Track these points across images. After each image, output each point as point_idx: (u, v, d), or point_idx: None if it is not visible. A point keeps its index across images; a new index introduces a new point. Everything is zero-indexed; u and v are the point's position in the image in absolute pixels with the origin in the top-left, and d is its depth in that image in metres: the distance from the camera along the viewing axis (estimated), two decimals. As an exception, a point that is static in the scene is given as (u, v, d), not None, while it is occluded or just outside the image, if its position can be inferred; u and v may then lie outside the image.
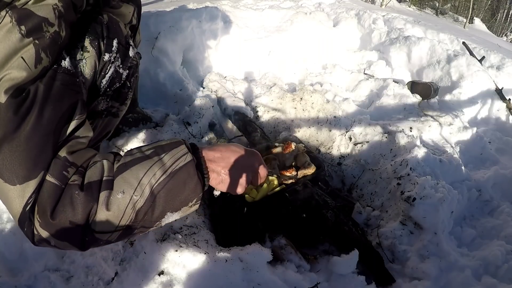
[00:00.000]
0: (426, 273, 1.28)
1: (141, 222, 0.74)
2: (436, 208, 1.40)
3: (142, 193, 0.72)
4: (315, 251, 1.36)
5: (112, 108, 1.03)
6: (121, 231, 0.73)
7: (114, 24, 0.94)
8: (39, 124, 0.68)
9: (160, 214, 0.75)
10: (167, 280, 1.06)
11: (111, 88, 0.97)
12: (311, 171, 1.42)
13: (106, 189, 0.70)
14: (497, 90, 2.40)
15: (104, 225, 0.71)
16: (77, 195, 0.69)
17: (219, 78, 2.25)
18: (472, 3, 9.00)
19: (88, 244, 0.72)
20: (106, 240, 0.73)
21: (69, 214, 0.68)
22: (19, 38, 0.66)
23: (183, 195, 0.76)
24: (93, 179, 0.71)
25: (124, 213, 0.71)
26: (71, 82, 0.76)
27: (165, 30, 2.09)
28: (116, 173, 0.73)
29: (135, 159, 0.74)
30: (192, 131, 1.74)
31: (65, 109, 0.72)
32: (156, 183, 0.73)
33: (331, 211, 1.38)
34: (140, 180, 0.72)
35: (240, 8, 3.24)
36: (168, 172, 0.74)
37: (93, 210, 0.70)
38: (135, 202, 0.71)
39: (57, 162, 0.70)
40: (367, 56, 2.86)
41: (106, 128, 1.06)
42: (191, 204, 0.79)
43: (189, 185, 0.76)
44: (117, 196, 0.70)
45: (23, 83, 0.67)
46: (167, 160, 0.75)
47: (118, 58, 0.95)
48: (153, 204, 0.73)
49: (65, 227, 0.68)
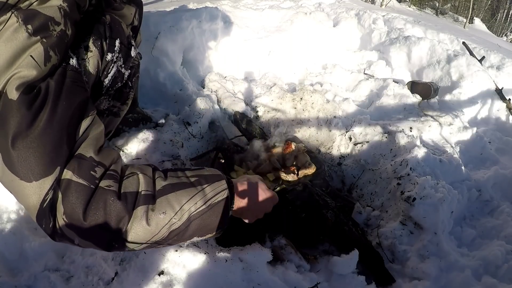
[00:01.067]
0: (426, 273, 1.28)
1: (170, 240, 0.79)
2: (436, 208, 1.40)
3: (181, 217, 0.77)
4: (315, 251, 1.36)
5: (114, 107, 1.04)
6: (150, 244, 0.77)
7: (117, 24, 0.95)
8: (53, 119, 0.68)
9: (188, 237, 0.81)
10: (167, 280, 1.06)
11: (113, 88, 0.97)
12: (312, 171, 1.42)
13: (145, 204, 0.73)
14: (497, 90, 2.40)
15: (138, 237, 0.74)
16: (112, 202, 0.71)
17: (219, 78, 2.25)
18: (472, 3, 9.00)
19: (115, 248, 0.75)
20: (132, 248, 0.76)
21: (101, 218, 0.70)
22: (26, 36, 0.66)
23: (213, 225, 0.82)
24: (129, 190, 0.74)
25: (160, 231, 0.75)
26: (80, 80, 0.77)
27: (165, 30, 2.09)
28: (160, 191, 0.76)
29: (181, 184, 0.79)
30: (192, 131, 1.74)
31: (76, 105, 0.73)
32: (195, 211, 0.78)
33: (331, 211, 1.38)
34: (182, 206, 0.77)
35: (240, 8, 3.24)
36: (208, 203, 0.80)
37: (124, 220, 0.72)
38: (172, 224, 0.76)
39: (82, 162, 0.71)
40: (367, 56, 2.86)
41: (107, 127, 1.06)
42: (215, 233, 0.85)
43: (221, 217, 0.82)
44: (159, 215, 0.74)
45: (33, 80, 0.67)
46: (208, 191, 0.81)
47: (120, 58, 0.96)
48: (186, 228, 0.78)
49: (94, 229, 0.70)
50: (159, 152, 1.57)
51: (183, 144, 1.65)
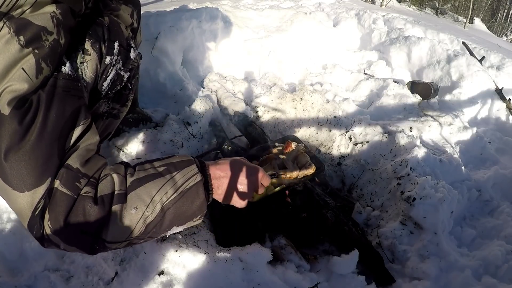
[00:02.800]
0: (426, 273, 1.28)
1: (149, 233, 0.79)
2: (436, 208, 1.40)
3: (154, 209, 0.76)
4: (315, 251, 1.36)
5: (113, 110, 1.04)
6: (130, 241, 0.78)
7: (115, 26, 0.94)
8: (44, 133, 0.69)
9: (167, 227, 0.80)
10: (167, 280, 1.06)
11: (112, 91, 0.97)
12: (311, 171, 1.42)
13: (118, 203, 0.74)
14: (497, 90, 2.40)
15: (115, 236, 0.75)
16: (90, 207, 0.72)
17: (219, 78, 2.25)
18: (472, 3, 9.00)
19: (97, 250, 0.76)
20: (115, 247, 0.78)
21: (82, 224, 0.72)
22: (19, 48, 0.66)
23: (190, 212, 0.81)
24: (105, 192, 0.74)
25: (136, 226, 0.76)
26: (72, 88, 0.76)
27: (165, 30, 2.09)
28: (129, 188, 0.76)
29: (148, 176, 0.78)
30: (192, 131, 1.74)
31: (68, 115, 0.73)
32: (167, 201, 0.77)
33: (331, 211, 1.38)
34: (152, 198, 0.76)
35: (240, 8, 3.24)
36: (179, 191, 0.79)
37: (104, 222, 0.73)
38: (146, 217, 0.76)
39: (69, 173, 0.72)
40: (367, 56, 2.86)
41: (107, 129, 1.06)
42: (195, 219, 0.84)
43: (196, 203, 0.81)
44: (131, 211, 0.75)
45: (25, 94, 0.67)
46: (178, 178, 0.79)
47: (120, 60, 0.95)
48: (162, 219, 0.78)
49: (76, 235, 0.73)
50: (159, 152, 1.57)
51: (183, 144, 1.65)
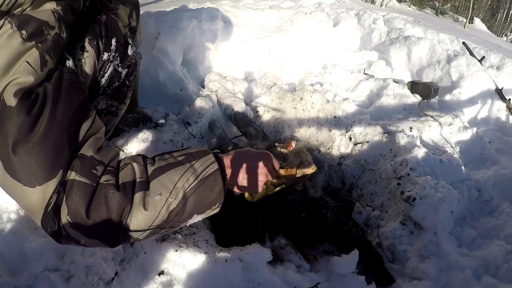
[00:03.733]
0: (426, 273, 1.28)
1: (171, 222, 0.79)
2: (436, 208, 1.40)
3: (177, 196, 0.78)
4: (315, 251, 1.36)
5: (112, 107, 1.04)
6: (152, 230, 0.78)
7: (113, 23, 0.95)
8: (53, 123, 0.68)
9: (188, 216, 0.81)
10: (167, 280, 1.06)
11: (110, 87, 0.97)
12: (311, 171, 1.42)
13: (141, 190, 0.75)
14: (497, 90, 2.40)
15: (139, 224, 0.75)
16: (112, 194, 0.71)
17: (219, 78, 2.25)
18: (472, 3, 8.99)
19: (120, 241, 0.76)
20: (136, 238, 0.77)
21: (104, 213, 0.70)
22: (21, 42, 0.66)
23: (210, 199, 0.83)
24: (126, 180, 0.75)
25: (159, 213, 0.76)
26: (77, 81, 0.77)
27: (165, 30, 2.09)
28: (151, 175, 0.77)
29: (170, 164, 0.80)
30: (192, 131, 1.74)
31: (75, 106, 0.73)
32: (189, 187, 0.79)
33: (331, 211, 1.38)
34: (175, 184, 0.78)
35: (240, 8, 3.24)
36: (199, 178, 0.81)
37: (126, 210, 0.73)
38: (170, 204, 0.77)
39: (84, 162, 0.72)
40: (367, 56, 2.86)
41: (106, 126, 1.06)
42: (214, 208, 0.85)
43: (215, 190, 0.83)
44: (155, 197, 0.75)
45: (31, 86, 0.67)
46: (198, 167, 0.82)
47: (117, 57, 0.95)
48: (184, 206, 0.79)
49: (99, 225, 0.71)
50: (159, 152, 1.57)
51: (183, 144, 1.65)
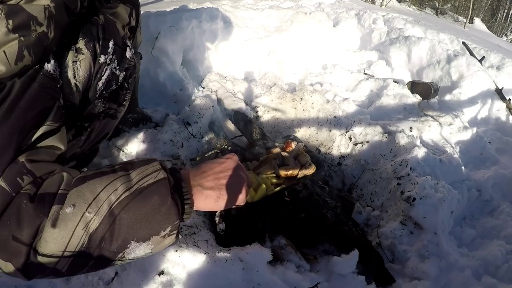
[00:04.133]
0: (426, 273, 1.28)
1: (98, 250, 0.61)
2: (436, 208, 1.40)
3: (98, 211, 0.60)
4: (315, 251, 1.36)
5: (110, 110, 1.02)
6: (70, 259, 0.60)
7: (111, 25, 0.93)
8: (7, 121, 0.62)
9: (121, 243, 0.62)
10: (167, 280, 1.06)
11: (107, 91, 0.95)
12: (311, 171, 1.42)
13: (58, 204, 0.59)
14: (497, 90, 2.40)
15: (48, 246, 0.58)
16: (25, 205, 0.58)
17: (219, 78, 2.25)
18: (472, 3, 9.00)
19: (33, 270, 0.60)
20: (52, 268, 0.60)
21: (14, 227, 0.57)
22: (5, 32, 0.63)
23: (152, 221, 0.63)
24: (48, 190, 0.61)
25: (73, 233, 0.59)
26: (50, 86, 0.72)
27: (165, 30, 2.09)
28: (72, 186, 0.62)
29: (98, 173, 0.64)
30: (192, 131, 1.74)
31: (36, 112, 0.67)
32: (117, 201, 0.61)
33: (331, 211, 1.38)
34: (97, 195, 0.60)
35: (240, 8, 3.24)
36: (133, 189, 0.63)
37: (39, 226, 0.58)
38: (88, 221, 0.59)
39: (13, 167, 0.61)
40: (367, 56, 2.87)
41: (104, 129, 1.05)
42: (164, 234, 0.65)
43: (159, 207, 0.63)
44: (66, 210, 0.58)
45: (0, 77, 0.63)
46: (134, 176, 0.65)
47: (115, 59, 0.93)
48: (112, 227, 0.60)
49: (7, 243, 0.57)
50: (159, 152, 1.57)
51: (183, 144, 1.65)
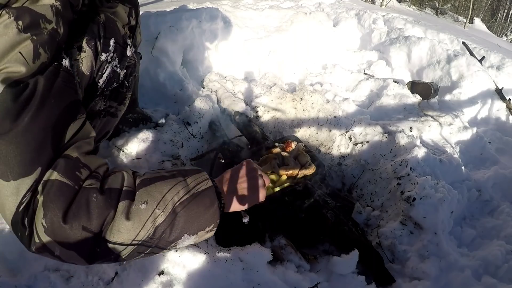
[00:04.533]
0: (426, 273, 1.28)
1: (157, 240, 0.72)
2: (436, 208, 1.40)
3: (165, 208, 0.71)
4: (315, 251, 1.36)
5: (111, 108, 1.03)
6: (135, 247, 0.70)
7: (111, 23, 0.94)
8: (39, 117, 0.64)
9: (178, 235, 0.74)
10: (167, 280, 1.06)
11: (108, 88, 0.96)
12: (311, 171, 1.42)
13: (126, 199, 0.69)
14: (497, 90, 2.40)
15: (120, 236, 0.67)
16: (95, 199, 0.66)
17: (219, 78, 2.25)
18: (472, 3, 8.99)
19: (97, 256, 0.68)
20: (117, 254, 0.69)
21: (83, 219, 0.64)
22: (16, 32, 0.65)
23: (203, 219, 0.76)
24: (113, 186, 0.70)
25: (144, 225, 0.69)
26: (71, 81, 0.75)
27: (165, 30, 2.09)
28: (139, 185, 0.72)
29: (160, 176, 0.76)
30: (192, 131, 1.74)
31: (65, 106, 0.70)
32: (179, 201, 0.73)
33: (331, 211, 1.38)
34: (164, 195, 0.72)
35: (240, 8, 3.24)
36: (191, 192, 0.75)
37: (109, 218, 0.66)
38: (156, 217, 0.70)
39: (68, 162, 0.67)
40: (367, 56, 2.87)
41: (105, 128, 1.05)
42: (208, 230, 0.79)
43: (209, 209, 0.77)
44: (140, 206, 0.69)
45: (21, 77, 0.65)
46: (190, 181, 0.77)
47: (115, 57, 0.94)
48: (172, 222, 0.72)
49: (76, 233, 0.64)
50: (159, 152, 1.57)
51: (183, 144, 1.65)
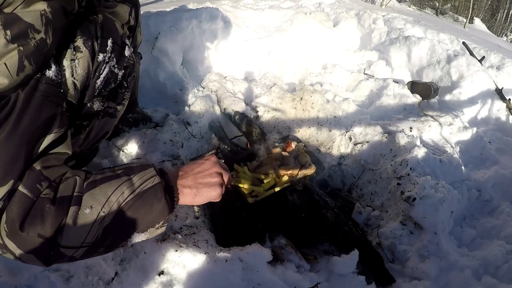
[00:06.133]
0: (426, 273, 1.28)
1: (108, 240, 0.75)
2: (436, 208, 1.40)
3: (110, 210, 0.73)
4: (315, 251, 1.36)
5: (109, 108, 1.02)
6: (86, 248, 0.73)
7: (109, 23, 0.93)
8: (14, 134, 0.67)
9: (127, 234, 0.76)
10: (167, 280, 1.06)
11: (106, 89, 0.95)
12: (311, 171, 1.42)
13: (75, 205, 0.71)
14: (497, 90, 2.40)
15: (69, 240, 0.71)
16: (48, 209, 0.69)
17: (219, 78, 2.25)
18: (472, 3, 8.99)
19: (53, 259, 0.72)
20: (70, 256, 0.73)
21: (38, 227, 0.68)
22: (4, 43, 0.65)
23: (150, 216, 0.77)
24: (65, 194, 0.72)
25: (91, 229, 0.72)
26: (52, 94, 0.75)
27: (165, 30, 2.10)
28: (85, 189, 0.74)
29: (105, 178, 0.76)
30: (192, 131, 1.74)
31: (42, 121, 0.72)
32: (124, 202, 0.74)
33: (331, 211, 1.38)
34: (108, 198, 0.73)
35: (240, 8, 3.24)
36: (136, 192, 0.76)
37: (61, 225, 0.70)
38: (102, 219, 0.72)
39: (31, 174, 0.70)
40: (367, 56, 2.86)
41: (104, 128, 1.05)
42: (157, 226, 0.80)
43: (156, 206, 0.77)
44: (85, 211, 0.71)
45: (3, 90, 0.66)
46: (135, 180, 0.77)
47: (113, 58, 0.93)
48: (119, 222, 0.74)
49: (32, 239, 0.68)
50: (159, 152, 1.57)
51: (183, 144, 1.65)
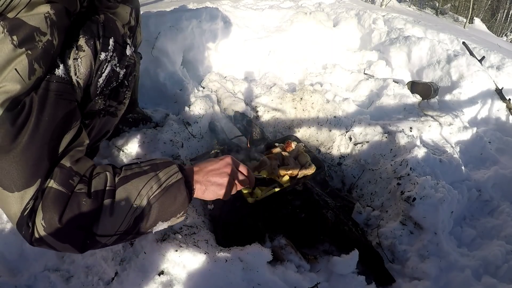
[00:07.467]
0: (426, 273, 1.28)
1: (137, 228, 0.83)
2: (436, 208, 1.40)
3: (141, 202, 0.81)
4: (315, 251, 1.36)
5: (110, 107, 1.03)
6: (118, 236, 0.81)
7: (111, 22, 0.94)
8: (35, 135, 0.71)
9: (153, 223, 0.85)
10: (167, 280, 1.06)
11: (108, 88, 0.96)
12: (311, 171, 1.42)
13: (109, 198, 0.79)
14: (497, 90, 2.40)
15: (105, 229, 0.78)
16: (85, 202, 0.75)
17: (219, 78, 2.25)
18: (472, 3, 8.99)
19: (88, 246, 0.79)
20: (104, 243, 0.80)
21: (76, 219, 0.74)
22: (12, 48, 0.66)
23: (174, 207, 0.86)
24: (98, 188, 0.79)
25: (124, 219, 0.79)
26: (65, 91, 0.78)
27: (165, 30, 2.09)
28: (118, 184, 0.81)
29: (135, 173, 0.84)
30: (192, 131, 1.74)
31: (59, 119, 0.75)
32: (152, 195, 0.83)
33: (331, 211, 1.38)
34: (139, 191, 0.82)
35: (240, 8, 3.24)
36: (162, 186, 0.84)
37: (96, 215, 0.77)
38: (134, 210, 0.80)
39: (63, 172, 0.76)
40: (367, 56, 2.86)
41: (105, 127, 1.06)
42: (178, 216, 0.89)
43: (179, 199, 0.86)
44: (120, 204, 0.79)
45: (18, 95, 0.68)
46: (161, 176, 0.85)
47: (115, 57, 0.94)
48: (148, 213, 0.83)
49: (71, 231, 0.75)
50: (159, 152, 1.57)
51: (183, 144, 1.65)
